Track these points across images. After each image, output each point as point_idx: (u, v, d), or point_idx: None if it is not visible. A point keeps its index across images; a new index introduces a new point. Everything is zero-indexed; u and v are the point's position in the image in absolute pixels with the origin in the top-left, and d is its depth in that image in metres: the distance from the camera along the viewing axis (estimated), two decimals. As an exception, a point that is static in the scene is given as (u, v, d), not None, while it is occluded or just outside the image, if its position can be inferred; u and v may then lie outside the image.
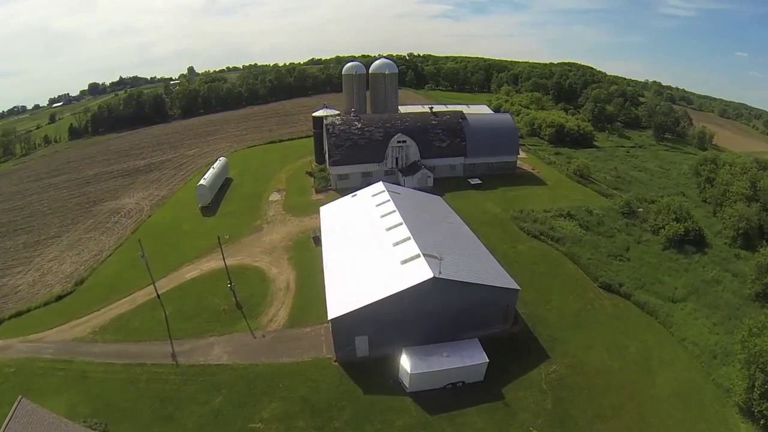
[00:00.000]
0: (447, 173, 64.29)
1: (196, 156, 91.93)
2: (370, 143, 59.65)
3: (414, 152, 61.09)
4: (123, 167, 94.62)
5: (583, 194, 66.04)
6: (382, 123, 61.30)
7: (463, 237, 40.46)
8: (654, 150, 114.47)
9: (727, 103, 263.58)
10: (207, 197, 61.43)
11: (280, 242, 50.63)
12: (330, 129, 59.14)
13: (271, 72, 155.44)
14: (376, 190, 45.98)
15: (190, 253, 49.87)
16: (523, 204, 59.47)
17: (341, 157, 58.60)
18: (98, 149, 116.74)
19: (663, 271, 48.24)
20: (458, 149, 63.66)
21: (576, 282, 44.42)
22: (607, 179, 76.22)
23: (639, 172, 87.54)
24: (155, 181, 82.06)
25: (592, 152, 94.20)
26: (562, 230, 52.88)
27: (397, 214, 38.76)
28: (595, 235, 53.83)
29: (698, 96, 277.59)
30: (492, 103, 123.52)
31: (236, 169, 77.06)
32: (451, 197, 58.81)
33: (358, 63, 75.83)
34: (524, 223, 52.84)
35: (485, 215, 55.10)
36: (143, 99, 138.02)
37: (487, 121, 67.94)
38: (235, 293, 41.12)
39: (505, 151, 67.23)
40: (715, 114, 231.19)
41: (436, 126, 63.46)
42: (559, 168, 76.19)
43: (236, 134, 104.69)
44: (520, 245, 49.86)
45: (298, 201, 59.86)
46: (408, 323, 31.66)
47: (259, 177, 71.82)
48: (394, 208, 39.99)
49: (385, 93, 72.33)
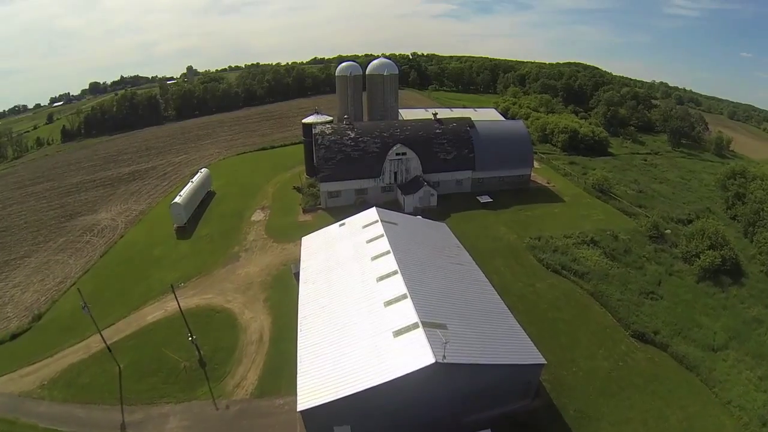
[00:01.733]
0: (453, 189, 55.03)
1: (182, 164, 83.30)
2: (364, 156, 50.49)
3: (415, 166, 51.91)
4: (106, 175, 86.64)
5: (605, 213, 56.90)
6: (378, 132, 52.02)
7: (474, 287, 31.34)
8: (671, 157, 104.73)
9: (736, 105, 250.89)
10: (182, 217, 52.93)
11: (257, 276, 42.01)
12: (319, 139, 49.99)
13: (269, 72, 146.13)
14: (369, 218, 36.97)
15: (157, 287, 41.94)
16: (540, 227, 50.43)
17: (331, 172, 49.53)
18: (86, 154, 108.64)
19: (699, 309, 40.63)
20: (466, 162, 54.37)
21: (605, 331, 36.07)
22: (629, 194, 66.84)
23: (660, 185, 78.28)
24: (135, 192, 73.79)
25: (608, 161, 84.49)
26: (586, 262, 44.05)
27: (391, 257, 29.80)
28: (622, 266, 45.08)
29: (705, 97, 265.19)
30: (499, 105, 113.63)
31: (221, 180, 68.30)
32: (458, 219, 49.82)
33: (354, 63, 66.34)
34: (543, 254, 43.86)
35: (498, 243, 46.01)
36: (137, 100, 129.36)
37: (498, 129, 58.42)
38: (198, 347, 32.80)
39: (518, 164, 57.87)
40: (724, 116, 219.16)
41: (440, 135, 54.15)
42: (575, 181, 66.83)
43: (228, 139, 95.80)
44: (539, 282, 40.94)
45: (282, 222, 51.03)
46: (402, 411, 23.00)
47: (244, 190, 63.04)
48: (388, 248, 31.05)
49: (383, 96, 62.95)
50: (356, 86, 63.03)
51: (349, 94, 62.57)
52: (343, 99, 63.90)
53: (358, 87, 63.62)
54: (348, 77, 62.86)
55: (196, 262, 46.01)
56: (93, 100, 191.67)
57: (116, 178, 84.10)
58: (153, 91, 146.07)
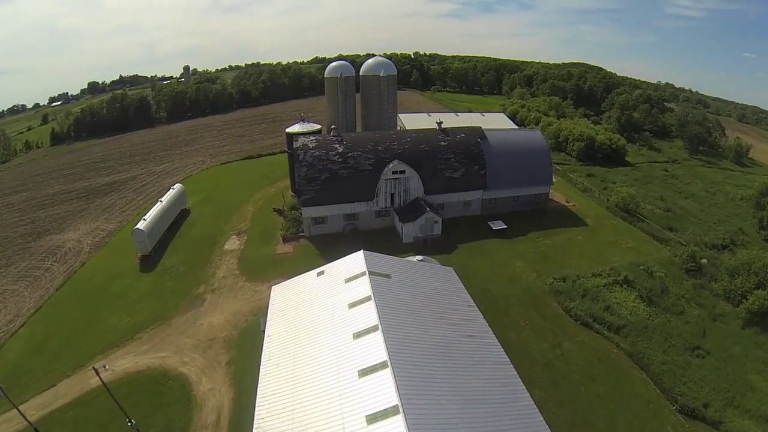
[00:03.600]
0: (460, 212, 45.50)
1: (162, 174, 74.04)
2: (355, 175, 40.99)
3: (416, 186, 42.37)
4: (84, 186, 77.76)
5: (633, 238, 47.53)
6: (372, 146, 42.41)
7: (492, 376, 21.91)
8: (690, 166, 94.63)
9: (744, 107, 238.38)
10: (146, 245, 44.08)
11: (221, 329, 32.95)
12: (300, 155, 40.47)
13: (265, 72, 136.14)
14: (354, 267, 27.55)
15: (109, 336, 33.75)
16: (563, 260, 41.15)
17: (315, 194, 40.09)
18: (70, 160, 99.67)
19: (751, 366, 33.09)
20: (475, 180, 44.78)
21: (648, 406, 27.95)
22: (656, 213, 57.15)
23: (685, 200, 68.77)
24: (108, 208, 64.82)
25: (628, 173, 74.59)
26: (620, 310, 35.33)
27: (379, 338, 20.48)
28: (661, 312, 36.53)
29: (712, 99, 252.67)
30: (507, 108, 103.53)
31: (199, 195, 59.07)
32: (466, 252, 40.40)
33: (345, 63, 55.78)
34: (570, 301, 34.78)
35: (515, 286, 36.62)
36: (127, 102, 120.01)
37: (512, 140, 48.54)
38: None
39: (536, 181, 48.21)
40: (733, 119, 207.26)
41: (446, 149, 44.50)
42: (596, 198, 57.19)
43: (214, 145, 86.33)
44: (567, 341, 31.78)
45: (258, 254, 41.77)
46: None
47: (221, 208, 53.72)
48: (376, 321, 21.73)
49: (380, 101, 53.04)
50: (348, 89, 52.93)
51: (340, 98, 52.27)
52: (332, 105, 53.73)
53: (351, 90, 53.53)
54: (338, 79, 52.18)
55: (156, 305, 37.31)
56: (91, 100, 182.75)
57: (93, 189, 75.28)
58: (145, 92, 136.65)
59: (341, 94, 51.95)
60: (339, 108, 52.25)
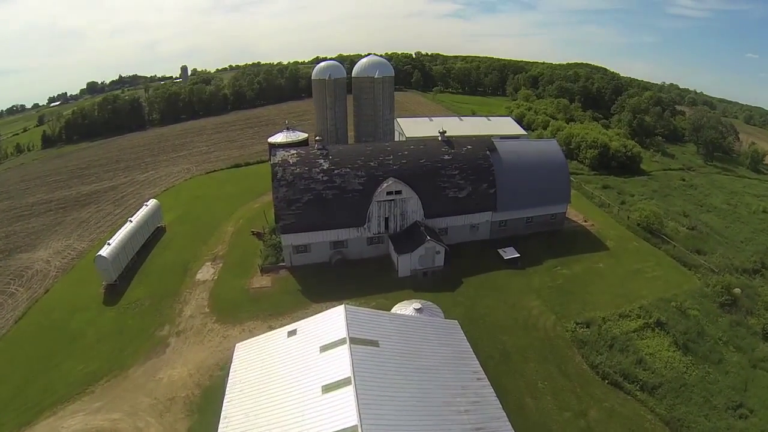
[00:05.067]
0: (465, 236, 38.49)
1: (144, 184, 67.46)
2: (342, 196, 34.09)
3: (414, 208, 35.40)
4: (65, 195, 71.40)
5: (659, 264, 40.79)
6: (363, 161, 35.38)
7: None
8: (706, 173, 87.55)
9: (750, 108, 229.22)
10: (110, 273, 37.73)
11: (183, 387, 26.41)
12: (279, 173, 33.52)
13: (261, 72, 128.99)
14: (332, 332, 20.70)
15: (60, 387, 28.03)
16: (585, 296, 34.38)
17: (296, 219, 33.24)
18: (57, 165, 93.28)
19: None
20: (484, 200, 37.73)
21: None
22: (681, 233, 50.09)
23: (708, 213, 62.13)
24: (84, 222, 58.34)
25: (645, 183, 67.44)
26: (654, 363, 29.03)
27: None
28: (699, 361, 30.25)
29: (717, 100, 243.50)
30: (513, 111, 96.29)
31: (177, 210, 52.38)
32: (473, 288, 33.46)
33: (335, 63, 48.25)
34: (596, 354, 28.30)
35: (530, 333, 29.73)
36: (119, 104, 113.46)
37: (525, 152, 41.40)
38: None
39: (553, 199, 41.12)
40: (739, 120, 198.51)
41: (450, 163, 37.49)
42: (615, 215, 50.14)
43: (203, 151, 79.58)
44: (594, 408, 25.14)
45: (233, 287, 34.94)
46: None
47: (199, 228, 46.93)
48: (356, 420, 15.13)
49: (375, 107, 45.93)
50: (338, 93, 45.62)
51: (328, 104, 44.76)
52: (321, 111, 46.37)
53: (341, 94, 46.29)
54: (326, 81, 44.85)
55: (114, 349, 31.04)
56: (90, 100, 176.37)
57: (73, 199, 68.90)
58: (138, 93, 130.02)
59: (330, 98, 44.56)
60: (328, 114, 45.02)
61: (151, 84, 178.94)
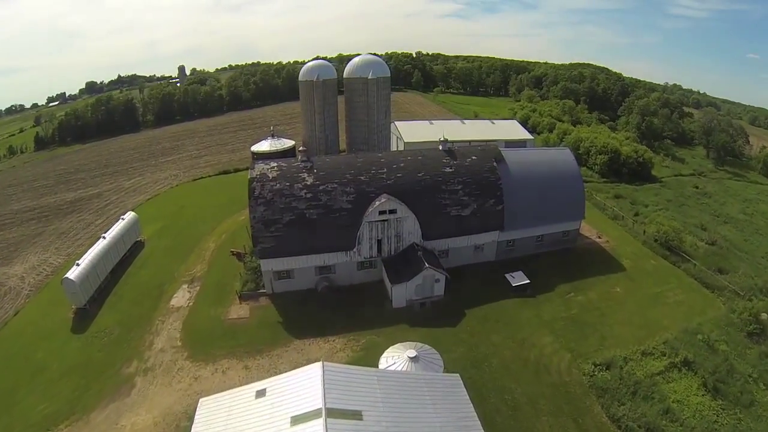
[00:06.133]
0: (468, 259, 33.78)
1: (130, 191, 63.08)
2: (328, 215, 29.38)
3: (411, 229, 30.73)
4: (49, 202, 67.16)
5: (680, 286, 36.28)
6: (352, 175, 30.55)
7: None
8: (717, 179, 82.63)
9: (754, 109, 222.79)
10: (79, 297, 33.54)
11: (144, 440, 22.35)
12: (256, 190, 28.96)
13: (258, 72, 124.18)
14: (307, 399, 16.12)
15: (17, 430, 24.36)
16: (603, 328, 29.95)
17: (276, 242, 28.68)
18: (46, 169, 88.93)
19: None
20: (490, 218, 32.96)
21: None
22: (700, 248, 45.28)
23: (725, 225, 57.33)
24: (64, 233, 54.09)
25: (658, 191, 62.52)
26: (682, 411, 24.58)
27: None
28: (730, 406, 25.90)
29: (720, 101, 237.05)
30: (517, 113, 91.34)
31: (158, 222, 47.99)
32: (476, 322, 28.77)
33: (325, 62, 43.00)
34: (617, 404, 24.14)
35: (542, 378, 25.11)
36: (112, 105, 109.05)
37: (535, 162, 36.48)
38: None
39: (566, 215, 36.30)
40: (744, 122, 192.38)
41: (452, 177, 32.74)
42: (630, 229, 45.39)
43: (193, 155, 75.01)
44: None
45: (208, 317, 30.48)
46: None
47: (179, 243, 42.42)
48: None
49: (368, 111, 41.08)
50: (328, 96, 40.51)
51: (316, 108, 39.55)
52: (308, 116, 41.11)
53: (331, 97, 41.23)
54: (314, 83, 39.37)
55: (78, 386, 27.18)
56: (85, 100, 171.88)
57: (56, 207, 64.58)
58: (132, 94, 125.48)
59: (319, 102, 39.47)
60: (316, 120, 40.08)
61: (150, 84, 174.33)
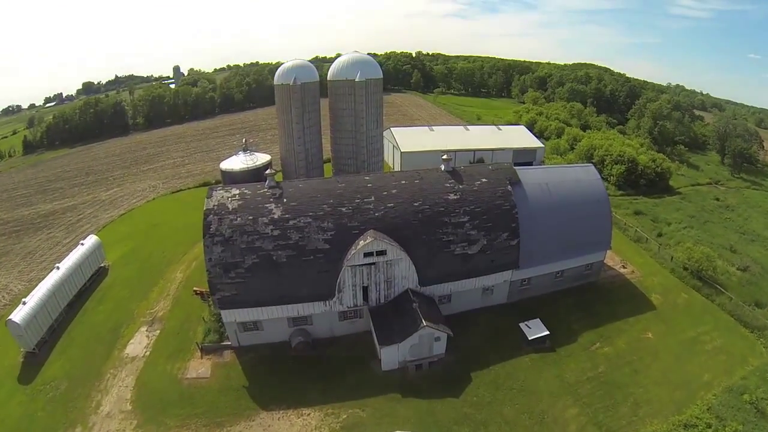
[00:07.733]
0: (475, 302, 27.46)
1: (105, 203, 56.77)
2: (301, 258, 23.05)
3: (405, 273, 24.31)
4: (24, 215, 60.67)
5: (717, 327, 30.79)
6: (332, 206, 24.11)
7: None
8: (736, 188, 75.95)
9: (759, 110, 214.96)
10: (26, 340, 27.87)
11: None
12: (212, 225, 22.87)
13: (251, 73, 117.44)
14: None
15: None
16: (635, 390, 24.33)
17: (239, 290, 22.54)
18: (27, 177, 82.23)
19: None
20: (503, 255, 26.53)
21: None
22: (732, 275, 38.83)
23: (752, 244, 50.74)
24: (31, 253, 47.76)
25: (679, 205, 55.92)
26: None
27: None
28: None
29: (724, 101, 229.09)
30: (522, 116, 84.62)
31: (127, 244, 41.86)
32: (486, 389, 22.44)
33: (305, 62, 34.95)
34: None
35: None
36: (101, 108, 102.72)
37: (557, 184, 29.88)
38: None
39: (590, 245, 30.00)
40: (750, 124, 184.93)
41: (457, 205, 26.30)
42: (654, 253, 39.16)
43: (176, 162, 68.68)
44: None
45: (164, 374, 24.57)
46: None
47: (144, 271, 36.16)
48: None
49: (356, 119, 34.52)
50: (308, 103, 33.33)
51: (294, 118, 32.52)
52: (284, 127, 33.80)
53: (312, 104, 34.28)
54: (291, 87, 32.00)
55: None
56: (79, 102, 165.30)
57: (29, 221, 58.18)
58: (121, 96, 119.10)
59: (297, 109, 32.35)
60: (294, 131, 33.19)
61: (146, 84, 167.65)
